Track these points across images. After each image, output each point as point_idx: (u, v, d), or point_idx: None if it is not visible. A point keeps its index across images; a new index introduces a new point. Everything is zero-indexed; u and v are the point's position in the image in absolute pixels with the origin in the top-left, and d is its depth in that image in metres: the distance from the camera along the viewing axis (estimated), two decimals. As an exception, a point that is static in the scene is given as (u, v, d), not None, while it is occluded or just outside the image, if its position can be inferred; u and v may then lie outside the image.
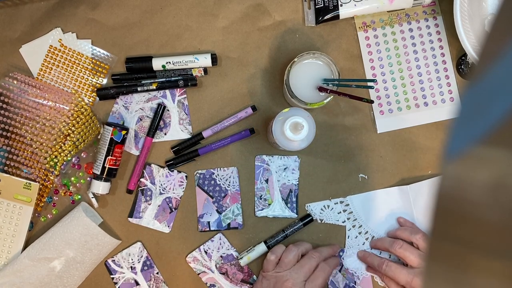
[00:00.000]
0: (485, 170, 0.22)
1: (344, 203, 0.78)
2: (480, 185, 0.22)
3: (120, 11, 0.77)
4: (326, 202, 0.78)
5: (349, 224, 0.78)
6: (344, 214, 0.78)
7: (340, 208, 0.78)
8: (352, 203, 0.78)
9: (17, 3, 0.76)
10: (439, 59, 0.78)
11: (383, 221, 0.78)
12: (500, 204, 0.21)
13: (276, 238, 0.76)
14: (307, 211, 0.78)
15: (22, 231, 0.74)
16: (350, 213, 0.78)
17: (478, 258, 0.23)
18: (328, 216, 0.78)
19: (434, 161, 0.78)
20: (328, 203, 0.78)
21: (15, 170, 0.74)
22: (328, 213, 0.78)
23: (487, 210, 0.22)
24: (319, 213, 0.78)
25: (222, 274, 0.78)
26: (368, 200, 0.79)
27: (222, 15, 0.77)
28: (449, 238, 0.24)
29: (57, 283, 0.75)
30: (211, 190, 0.77)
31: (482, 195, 0.22)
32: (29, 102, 0.73)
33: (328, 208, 0.78)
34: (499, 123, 0.21)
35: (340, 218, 0.78)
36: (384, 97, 0.78)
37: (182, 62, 0.76)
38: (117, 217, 0.77)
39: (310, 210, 0.78)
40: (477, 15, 0.73)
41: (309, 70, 0.71)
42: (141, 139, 0.77)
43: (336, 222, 0.78)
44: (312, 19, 0.77)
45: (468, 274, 0.23)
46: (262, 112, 0.78)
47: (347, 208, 0.78)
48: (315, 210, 0.78)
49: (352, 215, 0.78)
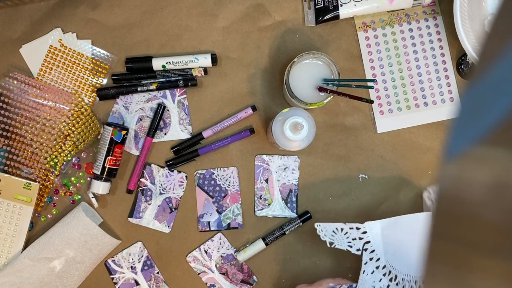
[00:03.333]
0: (485, 170, 0.22)
1: (361, 229, 0.69)
2: (480, 185, 0.22)
3: (120, 11, 0.77)
4: (340, 224, 0.70)
5: (366, 257, 0.68)
6: (359, 242, 0.69)
7: (356, 234, 0.69)
8: (370, 231, 0.68)
9: (17, 3, 0.76)
10: (439, 59, 0.78)
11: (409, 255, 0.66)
12: (500, 204, 0.21)
13: (274, 234, 0.76)
14: (317, 231, 0.70)
15: (22, 231, 0.74)
16: (367, 242, 0.68)
17: (478, 258, 0.23)
18: (341, 240, 0.69)
19: (434, 161, 0.78)
20: (342, 226, 0.70)
21: (15, 170, 0.74)
22: (340, 237, 0.69)
23: (487, 210, 0.22)
24: (330, 235, 0.70)
25: (222, 274, 0.78)
26: (391, 227, 0.68)
27: (222, 15, 0.77)
28: (449, 238, 0.24)
29: (57, 283, 0.75)
30: (211, 190, 0.77)
31: (482, 195, 0.22)
32: (29, 102, 0.73)
33: (341, 232, 0.69)
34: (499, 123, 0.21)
35: (355, 245, 0.69)
36: (384, 97, 0.78)
37: (182, 62, 0.76)
38: (117, 217, 0.77)
39: (320, 231, 0.70)
40: (477, 15, 0.73)
41: (309, 70, 0.71)
42: (141, 139, 0.77)
43: (349, 248, 0.69)
44: (312, 19, 0.77)
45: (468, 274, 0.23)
46: (262, 112, 0.78)
47: (364, 236, 0.69)
48: (325, 231, 0.70)
49: (370, 245, 0.68)
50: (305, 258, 0.78)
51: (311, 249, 0.78)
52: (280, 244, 0.78)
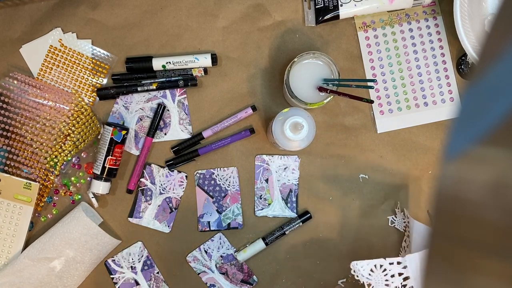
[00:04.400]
0: (485, 170, 0.22)
1: (401, 264, 0.60)
2: (480, 185, 0.22)
3: (120, 11, 0.77)
4: (379, 261, 0.60)
5: None
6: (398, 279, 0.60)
7: (396, 270, 0.60)
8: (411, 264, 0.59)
9: (17, 3, 0.76)
10: (439, 59, 0.78)
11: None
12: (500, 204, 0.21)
13: (274, 234, 0.76)
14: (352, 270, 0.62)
15: (22, 231, 0.74)
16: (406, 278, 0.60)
17: (478, 258, 0.23)
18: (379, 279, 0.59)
19: (434, 161, 0.78)
20: (381, 262, 0.60)
21: (15, 170, 0.74)
22: (379, 275, 0.60)
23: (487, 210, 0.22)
24: (367, 276, 0.61)
25: (222, 274, 0.78)
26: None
27: (222, 15, 0.77)
28: (449, 238, 0.24)
29: (57, 283, 0.75)
30: (211, 190, 0.77)
31: (482, 195, 0.22)
32: (29, 102, 0.73)
33: (380, 269, 0.60)
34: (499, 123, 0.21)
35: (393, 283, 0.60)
36: (384, 97, 0.78)
37: (182, 62, 0.76)
38: (117, 217, 0.77)
39: (356, 271, 0.61)
40: (477, 15, 0.73)
41: (309, 70, 0.71)
42: (141, 139, 0.77)
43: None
44: (312, 19, 0.77)
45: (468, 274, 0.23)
46: (262, 112, 0.78)
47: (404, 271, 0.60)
48: (362, 271, 0.60)
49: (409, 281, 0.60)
50: (305, 258, 0.78)
51: (311, 249, 0.78)
52: (280, 244, 0.78)
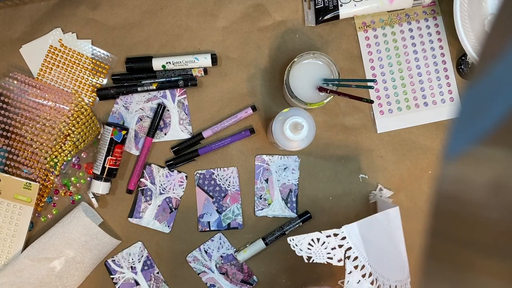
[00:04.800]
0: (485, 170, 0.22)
1: (339, 235, 0.61)
2: (480, 185, 0.22)
3: (120, 11, 0.77)
4: (315, 234, 0.62)
5: (350, 266, 0.60)
6: (340, 251, 0.61)
7: (335, 242, 0.61)
8: (349, 235, 0.60)
9: (17, 3, 0.76)
10: (439, 59, 0.78)
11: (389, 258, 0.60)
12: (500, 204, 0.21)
13: (274, 234, 0.76)
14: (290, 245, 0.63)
15: (22, 231, 0.74)
16: (349, 249, 0.61)
17: (478, 258, 0.23)
18: (319, 253, 0.61)
19: (434, 161, 0.78)
20: (318, 236, 0.62)
21: (15, 170, 0.74)
22: (318, 249, 0.61)
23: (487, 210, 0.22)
24: (306, 250, 0.62)
25: (222, 274, 0.78)
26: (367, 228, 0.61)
27: (222, 15, 0.77)
28: (449, 238, 0.24)
29: (57, 283, 0.75)
30: (211, 190, 0.77)
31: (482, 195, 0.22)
32: (29, 102, 0.73)
33: (318, 242, 0.61)
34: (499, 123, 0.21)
35: (335, 255, 0.61)
36: (384, 97, 0.78)
37: (182, 62, 0.76)
38: (117, 217, 0.77)
39: (294, 246, 0.62)
40: (477, 15, 0.73)
41: (309, 70, 0.71)
42: (141, 139, 0.77)
43: (329, 260, 0.62)
44: (312, 19, 0.77)
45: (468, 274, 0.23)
46: (262, 112, 0.78)
47: (344, 242, 0.61)
48: (300, 245, 0.62)
49: (352, 252, 0.61)
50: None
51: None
52: (280, 244, 0.78)
